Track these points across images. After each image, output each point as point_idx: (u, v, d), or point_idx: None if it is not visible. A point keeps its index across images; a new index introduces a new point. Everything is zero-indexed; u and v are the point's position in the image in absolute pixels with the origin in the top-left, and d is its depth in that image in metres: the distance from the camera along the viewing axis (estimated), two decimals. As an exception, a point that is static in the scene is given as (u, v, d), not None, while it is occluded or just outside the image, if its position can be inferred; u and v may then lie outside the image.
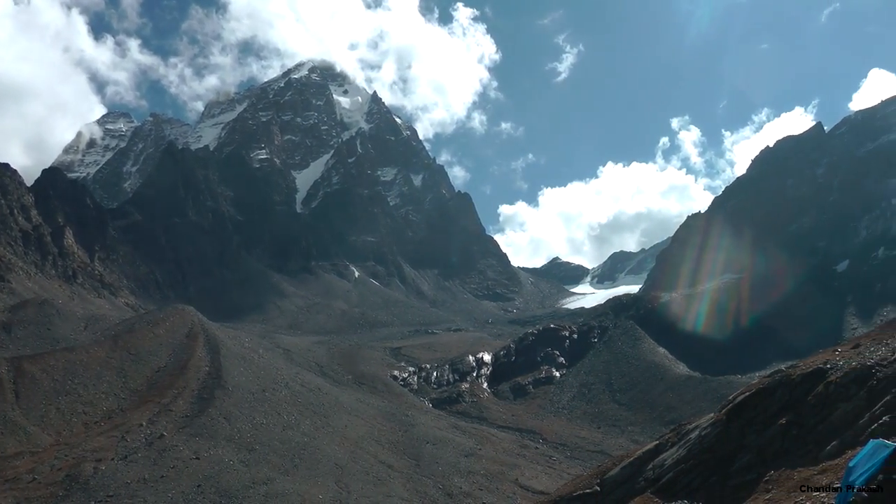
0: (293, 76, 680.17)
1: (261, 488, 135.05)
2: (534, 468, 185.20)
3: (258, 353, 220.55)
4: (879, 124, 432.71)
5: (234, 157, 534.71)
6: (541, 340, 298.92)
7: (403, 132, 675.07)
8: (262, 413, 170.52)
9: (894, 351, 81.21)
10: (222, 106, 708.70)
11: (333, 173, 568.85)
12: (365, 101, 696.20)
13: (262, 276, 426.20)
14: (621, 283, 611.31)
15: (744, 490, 74.27)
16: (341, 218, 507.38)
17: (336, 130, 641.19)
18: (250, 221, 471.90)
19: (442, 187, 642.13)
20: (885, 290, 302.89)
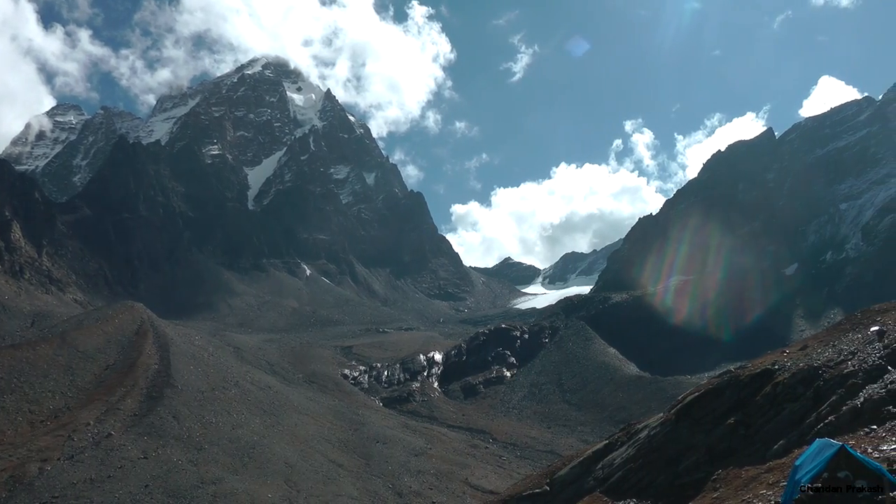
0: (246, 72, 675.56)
1: (209, 488, 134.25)
2: (484, 468, 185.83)
3: (208, 352, 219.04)
4: (828, 131, 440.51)
5: (186, 152, 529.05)
6: (492, 340, 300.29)
7: (357, 130, 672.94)
8: (211, 412, 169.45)
9: (841, 353, 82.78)
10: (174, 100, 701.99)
11: (286, 170, 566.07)
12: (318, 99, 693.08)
13: (212, 273, 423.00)
14: (573, 284, 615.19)
15: (692, 489, 75.27)
16: (293, 215, 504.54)
17: (289, 127, 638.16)
18: (202, 218, 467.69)
19: (395, 186, 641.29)
20: (833, 294, 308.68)
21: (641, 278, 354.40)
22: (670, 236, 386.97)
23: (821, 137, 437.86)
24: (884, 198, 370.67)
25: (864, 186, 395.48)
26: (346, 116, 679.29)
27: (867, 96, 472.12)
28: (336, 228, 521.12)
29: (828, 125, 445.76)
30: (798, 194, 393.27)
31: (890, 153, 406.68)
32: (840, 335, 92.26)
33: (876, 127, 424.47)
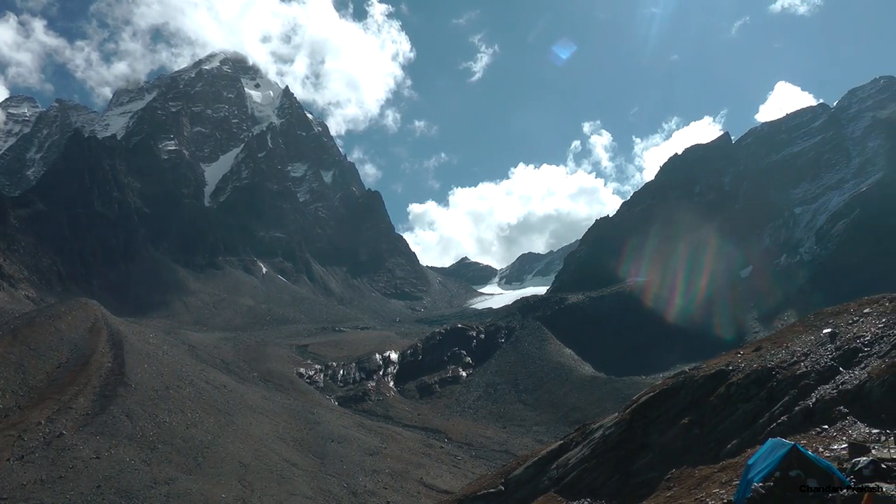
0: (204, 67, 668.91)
1: (162, 488, 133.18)
2: (438, 467, 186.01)
3: (163, 350, 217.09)
4: (784, 137, 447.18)
5: (142, 147, 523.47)
6: (448, 340, 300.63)
7: (315, 128, 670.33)
8: (165, 411, 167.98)
9: (794, 354, 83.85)
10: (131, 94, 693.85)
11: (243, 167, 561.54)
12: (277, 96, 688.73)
13: (168, 270, 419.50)
14: (529, 285, 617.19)
15: (646, 488, 75.87)
16: (250, 213, 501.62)
17: (247, 124, 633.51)
18: (157, 214, 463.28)
19: (352, 185, 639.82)
20: (786, 296, 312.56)
21: (598, 279, 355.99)
22: (627, 238, 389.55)
23: (776, 142, 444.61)
24: (837, 202, 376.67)
25: (819, 191, 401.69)
26: (304, 114, 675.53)
27: (822, 103, 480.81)
28: (293, 226, 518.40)
29: (783, 130, 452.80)
30: (754, 198, 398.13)
31: (844, 159, 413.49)
32: (793, 337, 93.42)
33: (830, 133, 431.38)
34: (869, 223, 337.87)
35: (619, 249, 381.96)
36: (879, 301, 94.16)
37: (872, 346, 73.81)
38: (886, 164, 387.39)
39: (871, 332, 77.91)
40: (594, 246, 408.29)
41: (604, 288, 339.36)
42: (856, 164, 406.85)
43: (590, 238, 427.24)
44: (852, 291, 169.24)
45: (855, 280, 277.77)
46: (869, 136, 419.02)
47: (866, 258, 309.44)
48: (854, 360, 72.78)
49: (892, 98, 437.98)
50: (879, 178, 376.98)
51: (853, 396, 63.73)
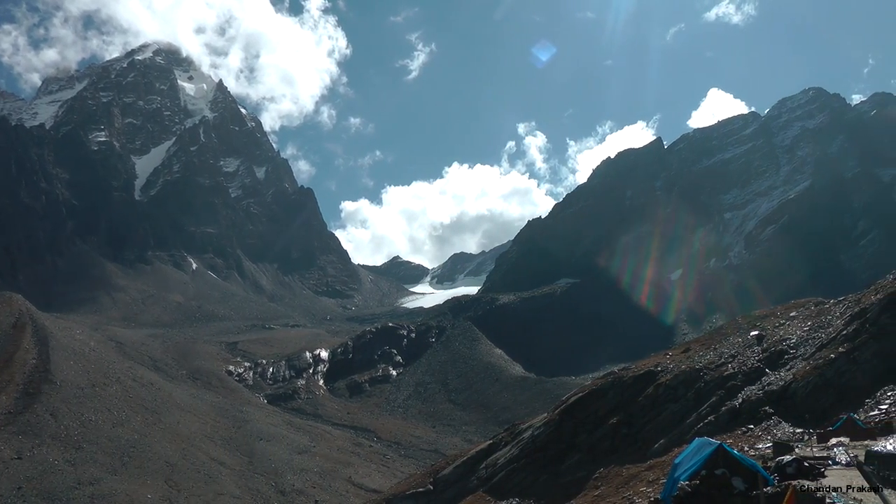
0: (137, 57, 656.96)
1: (87, 489, 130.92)
2: (367, 466, 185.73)
3: (89, 346, 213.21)
4: (715, 143, 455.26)
5: (72, 137, 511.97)
6: (379, 339, 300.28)
7: (248, 123, 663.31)
8: (91, 409, 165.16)
9: (722, 355, 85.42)
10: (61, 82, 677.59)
11: (175, 161, 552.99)
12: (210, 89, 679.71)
13: (96, 264, 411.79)
14: (460, 284, 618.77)
15: (574, 487, 76.51)
16: (181, 207, 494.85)
17: (179, 117, 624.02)
18: (86, 207, 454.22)
19: (285, 181, 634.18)
20: (716, 299, 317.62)
21: (529, 279, 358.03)
22: (559, 239, 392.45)
23: (708, 148, 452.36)
24: (766, 209, 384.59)
25: (748, 197, 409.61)
26: (238, 108, 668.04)
27: (753, 111, 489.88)
28: (224, 222, 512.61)
29: (715, 137, 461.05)
30: (684, 203, 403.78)
31: (773, 166, 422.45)
32: (721, 339, 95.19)
33: (760, 141, 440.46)
34: (797, 229, 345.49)
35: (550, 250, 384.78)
36: (805, 305, 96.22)
37: (798, 348, 75.35)
38: (814, 173, 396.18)
39: (797, 334, 79.58)
40: (526, 247, 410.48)
41: (535, 289, 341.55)
42: (785, 172, 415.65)
43: (522, 239, 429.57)
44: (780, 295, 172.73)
45: (782, 284, 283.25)
46: (798, 145, 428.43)
47: (794, 263, 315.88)
48: (780, 361, 74.25)
49: (821, 109, 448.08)
50: (808, 185, 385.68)
51: (778, 397, 64.93)
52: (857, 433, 45.34)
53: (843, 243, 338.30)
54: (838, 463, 34.29)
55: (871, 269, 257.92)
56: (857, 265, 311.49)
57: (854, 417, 49.89)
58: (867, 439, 41.50)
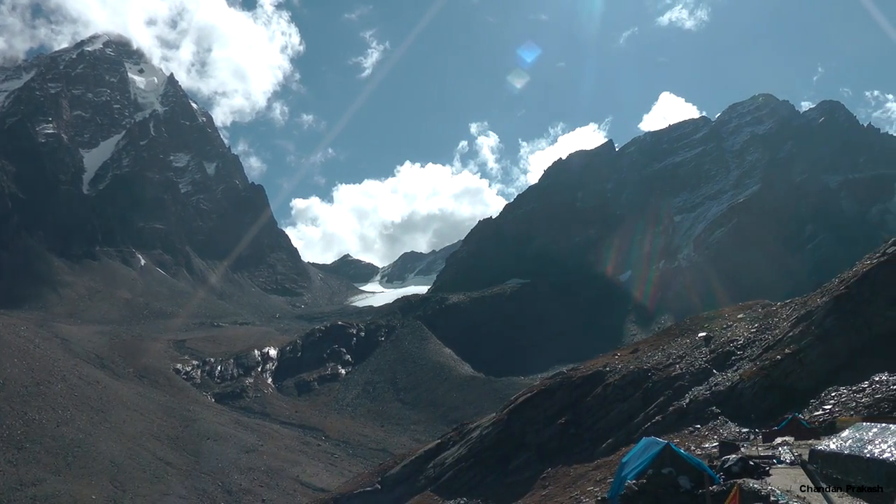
0: (86, 48, 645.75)
1: (29, 490, 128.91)
2: (315, 465, 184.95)
3: (34, 343, 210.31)
4: (666, 146, 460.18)
5: (18, 129, 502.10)
6: (328, 337, 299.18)
7: (199, 118, 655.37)
8: (35, 408, 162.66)
9: (670, 356, 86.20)
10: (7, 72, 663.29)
11: (124, 155, 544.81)
12: (161, 83, 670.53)
13: (42, 259, 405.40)
14: (410, 284, 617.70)
15: (522, 486, 76.72)
16: (130, 202, 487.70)
17: (129, 110, 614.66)
18: (32, 200, 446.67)
19: (236, 177, 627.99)
20: (664, 300, 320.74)
21: (480, 279, 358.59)
22: (509, 240, 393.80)
23: (659, 152, 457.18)
24: (716, 212, 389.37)
25: (698, 200, 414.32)
26: (189, 103, 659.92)
27: (704, 116, 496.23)
28: (173, 218, 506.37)
29: (666, 141, 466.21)
30: (635, 205, 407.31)
31: (723, 171, 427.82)
32: (670, 340, 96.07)
33: (711, 145, 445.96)
34: (745, 233, 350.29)
35: (501, 250, 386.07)
36: (753, 307, 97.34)
37: (745, 349, 76.23)
38: (763, 177, 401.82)
39: (744, 336, 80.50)
40: (476, 247, 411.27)
41: (485, 289, 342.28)
42: (734, 176, 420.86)
43: (472, 239, 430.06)
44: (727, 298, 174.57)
45: (730, 287, 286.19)
46: (747, 150, 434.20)
47: (742, 266, 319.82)
48: (727, 362, 75.11)
49: (770, 115, 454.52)
50: (756, 190, 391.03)
51: (725, 397, 65.68)
52: (802, 433, 45.90)
53: (790, 247, 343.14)
54: (783, 462, 34.67)
55: (818, 273, 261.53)
56: (805, 269, 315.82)
57: (799, 417, 50.50)
58: (811, 439, 42.01)
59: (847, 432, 29.96)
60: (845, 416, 48.26)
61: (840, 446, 28.41)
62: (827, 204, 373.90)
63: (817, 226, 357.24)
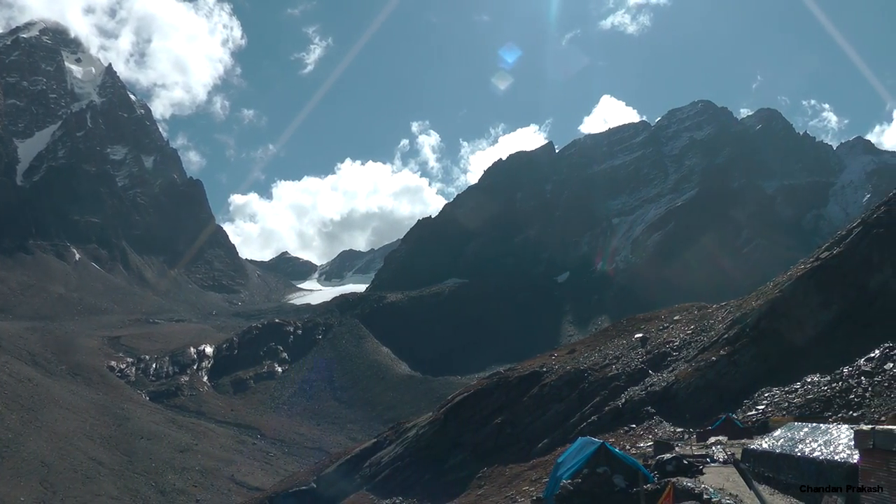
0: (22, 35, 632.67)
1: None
2: (250, 464, 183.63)
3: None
4: (605, 149, 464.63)
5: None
6: (265, 335, 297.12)
7: (137, 110, 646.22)
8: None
9: (606, 357, 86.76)
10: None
11: (60, 146, 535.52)
12: (99, 73, 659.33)
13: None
14: (349, 282, 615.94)
15: (457, 486, 76.64)
16: (65, 195, 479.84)
17: (66, 100, 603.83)
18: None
19: (174, 171, 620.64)
20: (601, 302, 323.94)
21: (418, 279, 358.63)
22: (448, 239, 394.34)
23: (599, 155, 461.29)
24: (654, 215, 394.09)
25: (636, 203, 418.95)
26: (127, 94, 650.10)
27: (644, 120, 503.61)
28: (109, 212, 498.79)
29: (605, 144, 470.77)
30: (574, 206, 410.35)
31: (661, 175, 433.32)
32: (606, 341, 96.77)
33: (650, 149, 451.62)
34: (682, 236, 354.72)
35: (439, 250, 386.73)
36: (689, 309, 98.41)
37: (681, 350, 76.99)
38: (701, 182, 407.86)
39: (680, 337, 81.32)
40: (415, 246, 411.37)
41: (423, 288, 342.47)
42: (673, 181, 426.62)
43: (411, 238, 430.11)
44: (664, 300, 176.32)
45: (667, 289, 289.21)
46: (686, 155, 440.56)
47: (678, 268, 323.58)
48: (663, 363, 75.79)
49: (709, 121, 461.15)
50: (694, 194, 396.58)
51: (661, 397, 66.24)
52: (736, 432, 46.48)
53: (727, 251, 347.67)
54: (716, 461, 34.98)
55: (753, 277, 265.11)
56: (740, 272, 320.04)
57: (732, 417, 51.13)
58: (745, 438, 42.47)
59: (779, 432, 30.33)
60: (778, 416, 48.98)
61: (772, 445, 28.72)
62: (763, 209, 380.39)
63: (753, 230, 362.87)
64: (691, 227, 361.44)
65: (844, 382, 50.35)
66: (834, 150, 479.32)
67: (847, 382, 50.13)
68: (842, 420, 42.60)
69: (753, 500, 24.77)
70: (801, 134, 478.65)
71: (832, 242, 73.30)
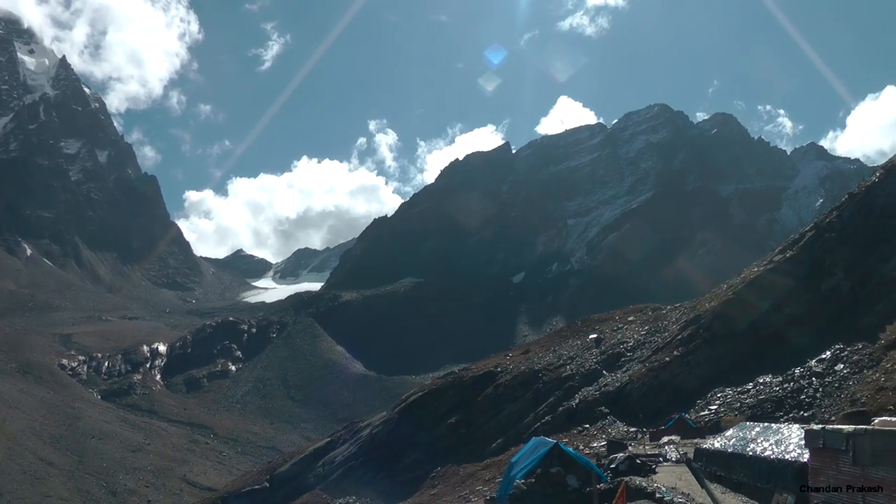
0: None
1: None
2: (203, 464, 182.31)
3: None
4: (562, 151, 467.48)
5: None
6: (219, 333, 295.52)
7: (92, 104, 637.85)
8: None
9: (561, 357, 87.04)
10: None
11: (11, 139, 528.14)
12: (52, 65, 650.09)
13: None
14: (304, 280, 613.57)
15: (411, 485, 76.61)
16: (16, 189, 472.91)
17: (18, 92, 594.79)
18: None
19: (128, 167, 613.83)
20: (556, 302, 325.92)
21: (373, 278, 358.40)
22: (404, 238, 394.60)
23: (555, 156, 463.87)
24: (609, 217, 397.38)
25: (592, 205, 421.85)
26: (82, 87, 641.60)
27: (600, 122, 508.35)
28: (62, 207, 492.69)
29: (562, 145, 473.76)
30: (530, 207, 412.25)
31: (616, 177, 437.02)
32: (561, 341, 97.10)
33: (606, 152, 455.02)
34: (637, 238, 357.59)
35: (395, 249, 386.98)
36: (643, 310, 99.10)
37: (635, 351, 77.54)
38: (656, 185, 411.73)
39: (634, 338, 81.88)
40: (371, 245, 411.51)
41: (378, 287, 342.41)
42: (628, 183, 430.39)
43: (367, 237, 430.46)
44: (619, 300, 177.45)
45: (621, 289, 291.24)
46: (642, 158, 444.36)
47: (633, 270, 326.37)
48: (617, 364, 76.29)
49: (665, 124, 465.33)
50: (649, 197, 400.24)
51: (614, 398, 66.73)
52: (688, 432, 46.92)
53: (681, 252, 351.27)
54: (668, 460, 35.23)
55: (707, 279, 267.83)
56: (694, 274, 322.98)
57: (685, 417, 51.61)
58: (697, 438, 42.81)
59: (731, 431, 30.59)
60: (730, 415, 49.56)
61: (724, 445, 28.96)
62: (717, 212, 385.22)
63: (708, 233, 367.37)
64: (646, 229, 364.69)
65: (796, 383, 51.08)
66: (788, 156, 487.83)
67: (798, 383, 50.86)
68: (793, 420, 43.28)
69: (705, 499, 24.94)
70: (755, 139, 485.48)
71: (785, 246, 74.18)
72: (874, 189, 66.08)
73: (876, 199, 65.17)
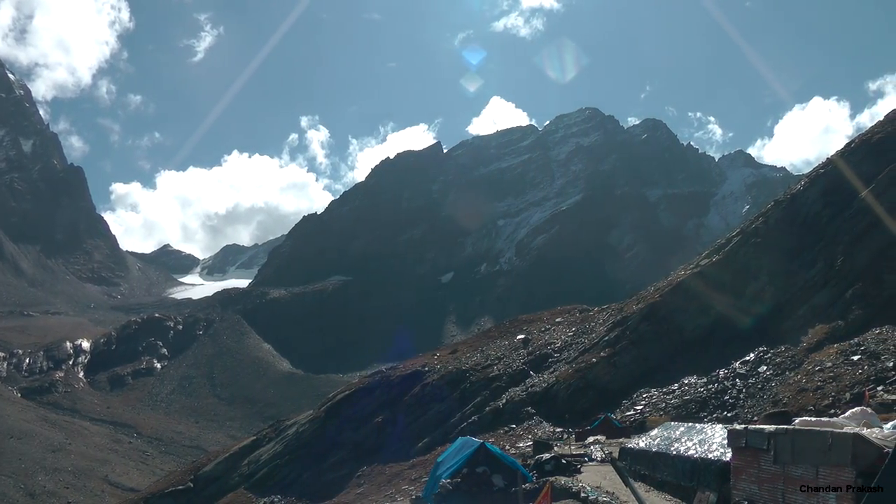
0: None
1: None
2: (126, 464, 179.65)
3: None
4: (493, 152, 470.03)
5: None
6: (144, 330, 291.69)
7: (16, 90, 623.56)
8: None
9: (488, 357, 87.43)
10: None
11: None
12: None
13: None
14: (231, 277, 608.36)
15: (337, 485, 76.31)
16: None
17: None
18: None
19: (53, 157, 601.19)
20: (484, 302, 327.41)
21: (302, 275, 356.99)
22: (333, 236, 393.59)
23: (486, 156, 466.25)
24: (539, 218, 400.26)
25: (522, 206, 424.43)
26: (6, 73, 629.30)
27: (531, 124, 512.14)
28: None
29: (493, 146, 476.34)
30: (460, 207, 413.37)
31: (547, 179, 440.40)
32: (489, 341, 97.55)
33: (537, 153, 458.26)
34: (566, 239, 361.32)
35: (324, 246, 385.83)
36: (571, 311, 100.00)
37: (562, 352, 78.16)
38: (586, 187, 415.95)
39: (562, 339, 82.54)
40: (300, 242, 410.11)
41: (306, 285, 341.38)
42: (559, 185, 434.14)
43: (296, 234, 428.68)
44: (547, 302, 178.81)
45: (550, 291, 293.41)
46: (572, 160, 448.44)
47: (561, 271, 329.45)
48: (544, 364, 76.80)
49: (595, 128, 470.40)
50: (579, 199, 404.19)
51: (541, 398, 67.25)
52: (614, 432, 47.52)
53: (609, 255, 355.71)
54: (594, 460, 35.59)
55: (634, 281, 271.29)
56: (622, 276, 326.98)
57: (611, 417, 52.24)
58: (622, 437, 43.27)
59: (656, 431, 30.94)
60: (655, 416, 50.30)
61: (649, 444, 29.25)
62: (645, 216, 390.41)
63: (635, 236, 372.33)
64: (575, 231, 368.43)
65: (720, 384, 52.04)
66: (716, 162, 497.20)
67: (722, 384, 51.84)
68: (717, 420, 44.11)
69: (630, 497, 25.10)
70: (684, 145, 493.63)
71: (712, 250, 75.61)
72: (799, 197, 67.56)
73: (801, 207, 66.68)
